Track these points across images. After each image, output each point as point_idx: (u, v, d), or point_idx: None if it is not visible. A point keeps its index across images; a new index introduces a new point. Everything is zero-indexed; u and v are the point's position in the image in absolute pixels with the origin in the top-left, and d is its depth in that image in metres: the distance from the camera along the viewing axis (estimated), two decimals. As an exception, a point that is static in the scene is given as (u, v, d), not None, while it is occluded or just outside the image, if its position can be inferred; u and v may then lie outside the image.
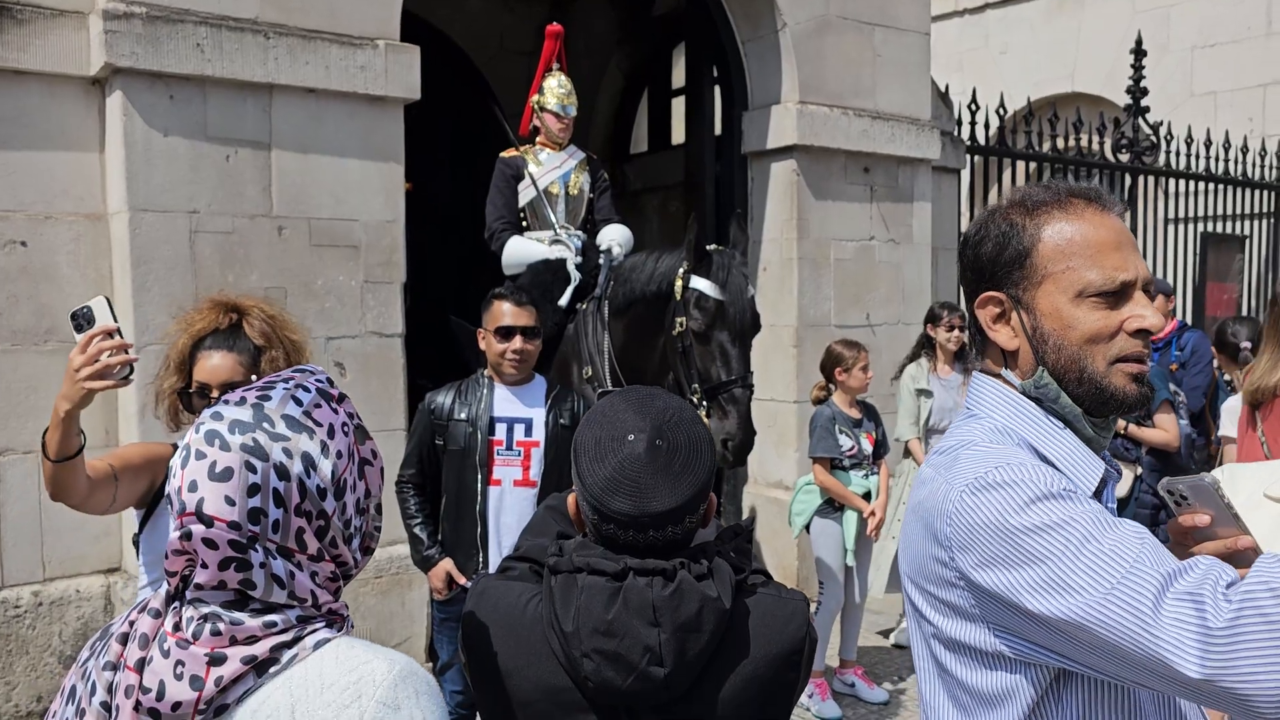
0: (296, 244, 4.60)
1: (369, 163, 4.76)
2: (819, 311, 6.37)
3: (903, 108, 6.68)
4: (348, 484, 1.25)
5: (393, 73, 4.75)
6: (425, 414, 3.63)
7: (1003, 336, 1.41)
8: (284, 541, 1.19)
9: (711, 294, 4.23)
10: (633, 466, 1.47)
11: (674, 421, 1.51)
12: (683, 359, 4.29)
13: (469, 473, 3.51)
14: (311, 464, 1.21)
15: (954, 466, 1.31)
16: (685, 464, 1.49)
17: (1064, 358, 1.36)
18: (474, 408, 3.54)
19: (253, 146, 4.49)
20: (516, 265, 5.25)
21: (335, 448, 1.24)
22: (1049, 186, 1.42)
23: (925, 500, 1.34)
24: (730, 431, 4.18)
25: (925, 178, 6.86)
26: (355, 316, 4.76)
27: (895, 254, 6.71)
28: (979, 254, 1.43)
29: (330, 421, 1.25)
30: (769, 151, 6.36)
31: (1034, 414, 1.39)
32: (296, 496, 1.20)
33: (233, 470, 1.18)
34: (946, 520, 1.28)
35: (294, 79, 4.51)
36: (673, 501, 1.47)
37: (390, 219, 4.85)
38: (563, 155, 5.50)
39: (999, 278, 1.40)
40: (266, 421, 1.22)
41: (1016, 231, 1.39)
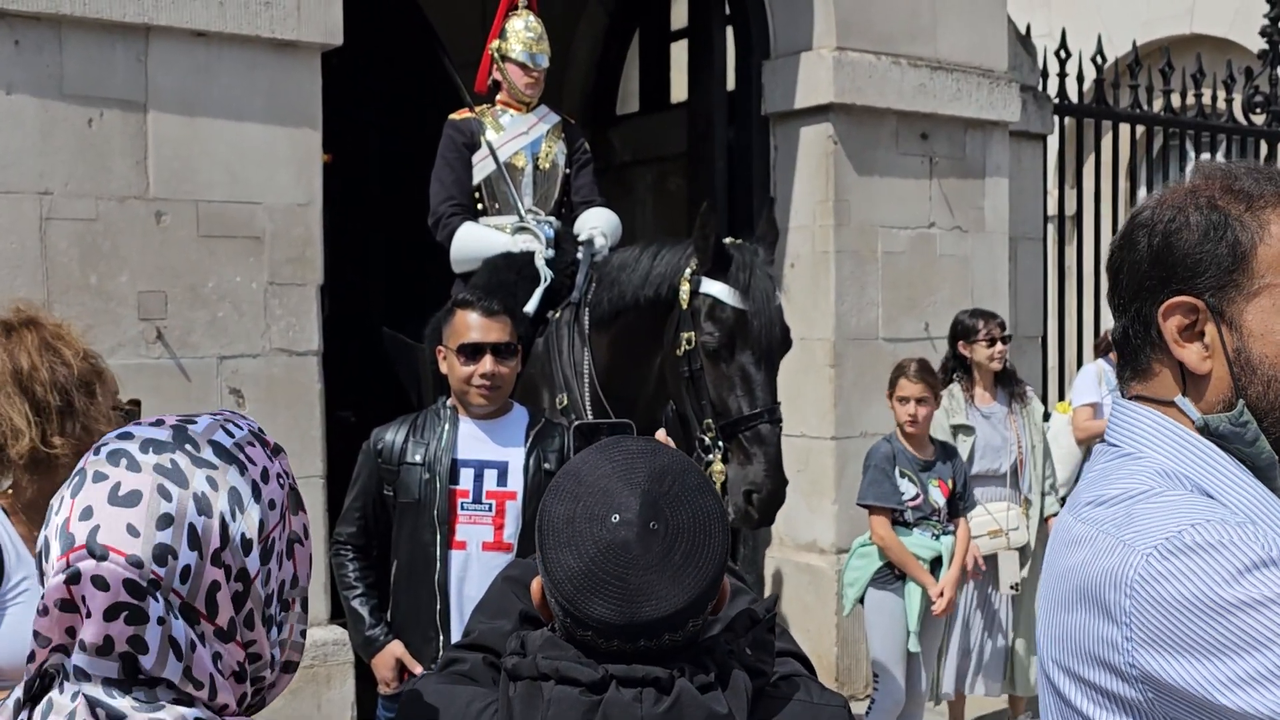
0: (180, 234, 4.60)
1: (275, 128, 4.77)
2: (863, 320, 6.38)
3: (971, 55, 6.72)
4: (275, 548, 1.27)
5: (307, 10, 4.76)
6: (371, 456, 3.64)
7: (1192, 355, 1.42)
8: (191, 598, 1.20)
9: (730, 302, 4.22)
10: (618, 560, 1.42)
11: (674, 494, 1.46)
12: (691, 386, 4.28)
13: (425, 532, 3.52)
14: (239, 504, 1.23)
15: (1131, 522, 1.33)
16: (689, 554, 1.44)
17: (1275, 393, 1.39)
18: (432, 448, 3.55)
19: (123, 107, 4.49)
20: (469, 260, 5.25)
21: (269, 495, 1.27)
22: (1262, 172, 1.45)
23: (1087, 565, 1.35)
24: (756, 481, 4.16)
25: (1000, 146, 6.89)
26: (257, 329, 4.75)
27: (962, 245, 6.73)
28: (1173, 242, 1.43)
29: (265, 465, 1.29)
30: (797, 112, 6.39)
31: (1213, 455, 1.41)
32: (216, 540, 1.21)
33: (141, 495, 1.19)
34: (1127, 591, 1.29)
35: (177, 19, 4.52)
36: (672, 605, 1.43)
37: (304, 201, 4.85)
38: (531, 118, 5.51)
39: (1199, 279, 1.41)
40: (190, 444, 1.24)
41: (1232, 224, 1.40)
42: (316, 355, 4.91)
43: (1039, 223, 7.59)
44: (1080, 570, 1.36)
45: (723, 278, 4.26)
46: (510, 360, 3.62)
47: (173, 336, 4.57)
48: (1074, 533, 1.40)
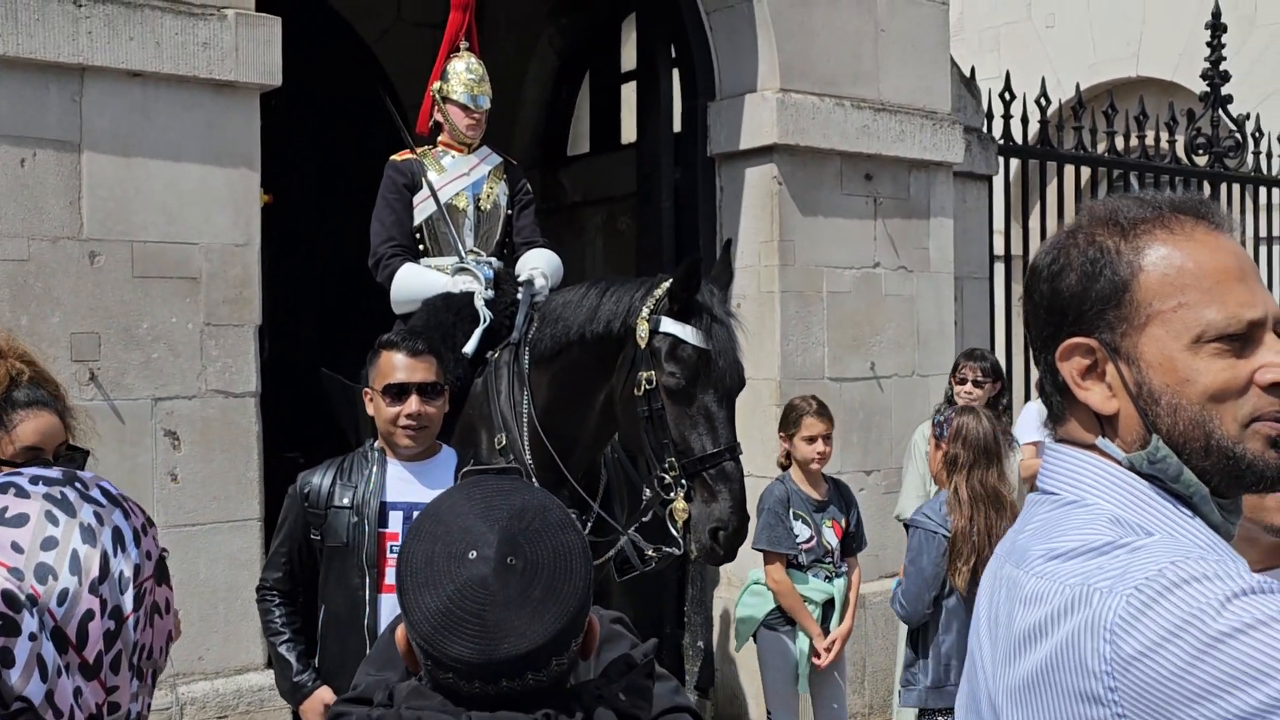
0: (114, 275, 4.57)
1: (213, 168, 4.75)
2: (808, 360, 6.40)
3: (914, 97, 6.79)
4: (145, 600, 1.29)
5: (245, 51, 4.76)
6: (297, 500, 3.64)
7: (1096, 396, 1.41)
8: (65, 623, 1.21)
9: (692, 341, 4.23)
10: (475, 596, 1.41)
11: (534, 529, 1.46)
12: (651, 426, 4.27)
13: (354, 575, 3.52)
14: (121, 544, 1.27)
15: (1103, 572, 1.26)
16: (549, 589, 1.43)
17: (1183, 420, 1.36)
18: (360, 491, 3.56)
19: (57, 147, 4.46)
20: (409, 301, 5.24)
21: (146, 546, 1.31)
22: (1143, 199, 1.43)
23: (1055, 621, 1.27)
24: (723, 518, 4.16)
25: (945, 187, 6.95)
26: (193, 370, 4.72)
27: (907, 285, 6.78)
28: (1058, 288, 1.42)
29: (144, 522, 1.33)
30: (742, 153, 6.43)
31: (1150, 497, 1.38)
32: (97, 571, 1.23)
33: (28, 517, 1.22)
34: (1107, 637, 1.22)
35: (114, 59, 4.51)
36: (532, 642, 1.42)
37: (241, 242, 4.83)
38: (472, 159, 5.51)
39: (1088, 319, 1.40)
40: (79, 483, 1.29)
41: (1109, 258, 1.39)
42: (254, 397, 4.87)
43: (985, 262, 7.65)
44: (1046, 627, 1.28)
45: (684, 317, 4.28)
46: (437, 400, 3.61)
47: (106, 378, 4.53)
48: (1029, 589, 1.32)
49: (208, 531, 4.75)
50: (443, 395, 3.66)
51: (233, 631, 4.78)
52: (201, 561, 4.70)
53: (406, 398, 3.54)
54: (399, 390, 3.54)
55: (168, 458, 4.67)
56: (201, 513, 4.73)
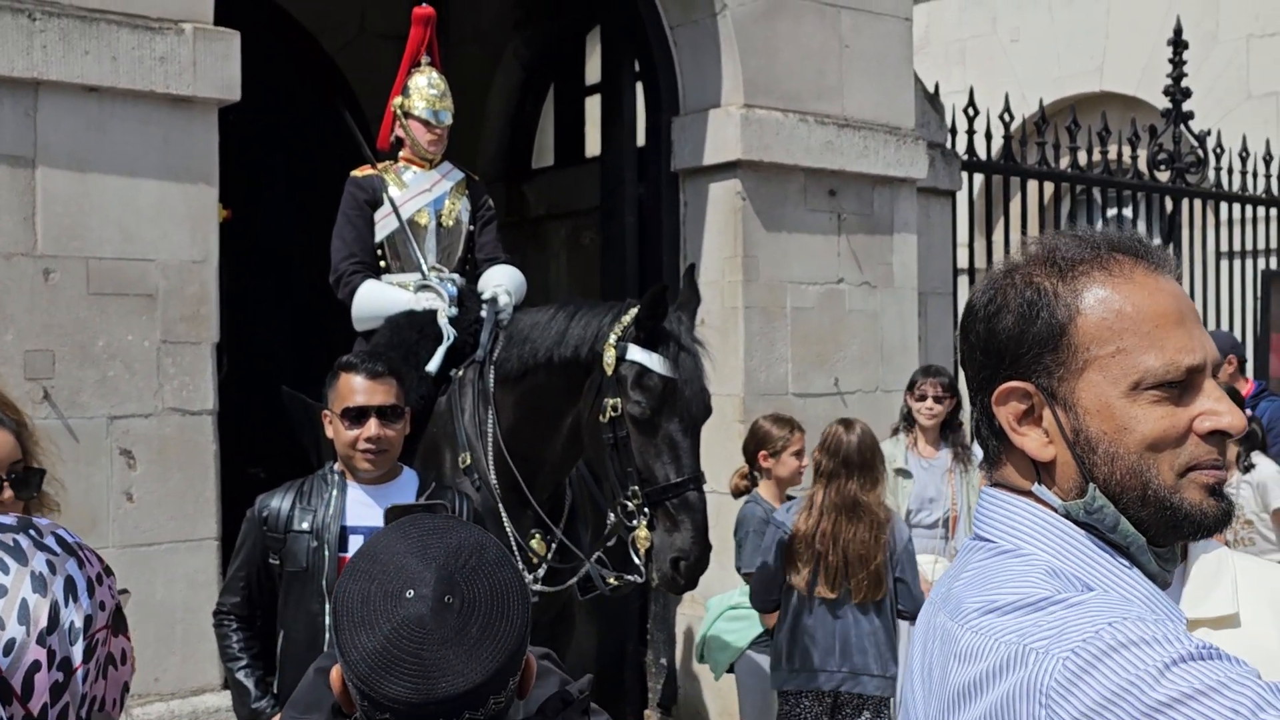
0: (69, 292, 4.53)
1: (170, 184, 4.72)
2: (772, 376, 6.40)
3: (878, 113, 6.81)
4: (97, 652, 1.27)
5: (203, 65, 4.73)
6: (255, 523, 3.60)
7: (1032, 443, 1.37)
8: (10, 673, 1.19)
9: (658, 370, 4.24)
10: (412, 635, 1.41)
11: (470, 567, 1.47)
12: (615, 453, 4.29)
13: (313, 601, 3.48)
14: (74, 593, 1.25)
15: (1039, 630, 1.23)
16: (486, 627, 1.44)
17: (1120, 470, 1.34)
18: (320, 515, 3.53)
19: (11, 163, 4.42)
20: (371, 318, 5.21)
21: (100, 596, 1.29)
22: (1081, 238, 1.40)
23: (989, 680, 1.24)
24: (684, 548, 4.19)
25: (909, 202, 6.98)
26: (150, 388, 4.68)
27: (871, 301, 6.79)
28: (994, 329, 1.39)
29: (100, 570, 1.31)
30: (706, 169, 6.43)
31: (1087, 548, 1.35)
32: (45, 621, 1.21)
33: None
34: (1043, 700, 1.19)
35: (69, 74, 4.47)
36: (470, 681, 1.42)
37: (199, 259, 4.79)
38: (434, 175, 5.49)
39: (1024, 362, 1.37)
40: (33, 530, 1.28)
41: (1046, 299, 1.36)
42: (212, 415, 4.83)
43: (949, 278, 7.68)
44: (981, 686, 1.25)
45: (650, 345, 4.28)
46: (396, 423, 3.57)
47: (60, 397, 4.48)
48: (964, 644, 1.28)
49: (164, 551, 4.71)
50: (403, 418, 3.61)
51: (190, 652, 4.73)
52: (158, 582, 4.65)
53: (365, 421, 3.49)
54: (358, 414, 3.50)
55: (124, 477, 4.62)
56: (158, 532, 4.69)
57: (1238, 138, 9.85)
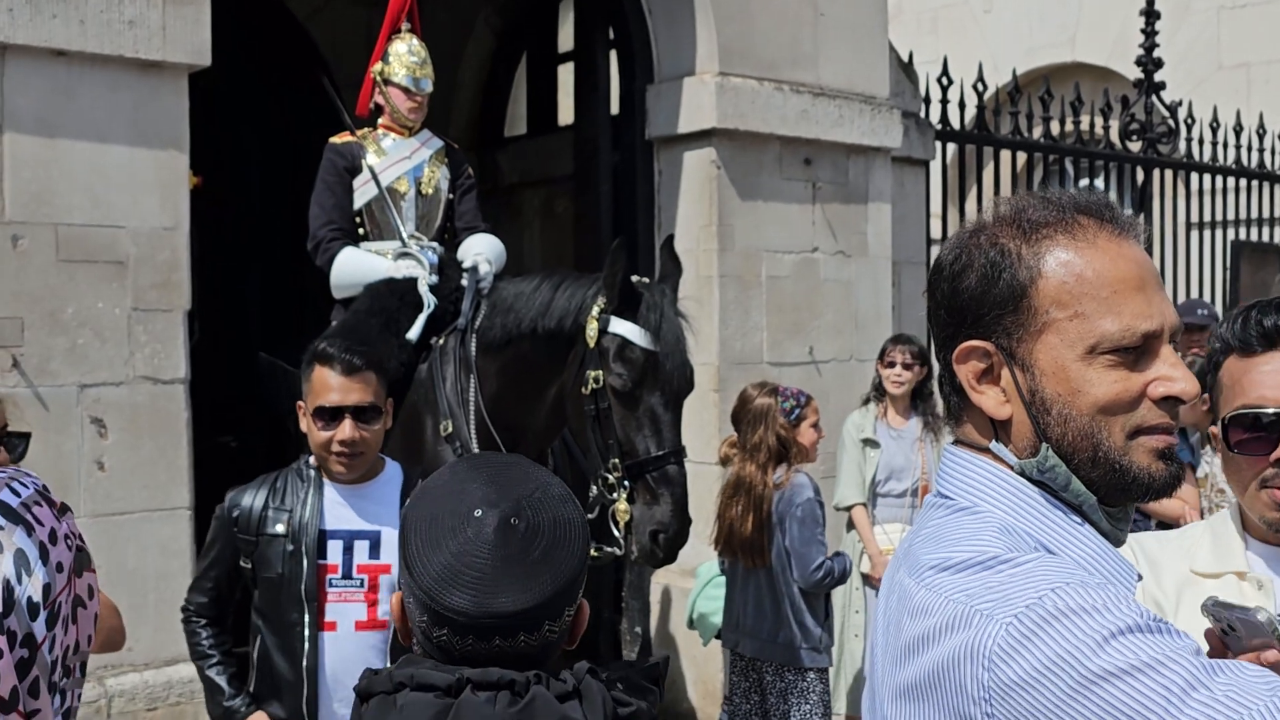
0: (38, 259, 4.47)
1: (140, 150, 4.66)
2: (747, 345, 6.40)
3: (853, 81, 6.79)
4: (61, 612, 1.23)
5: (173, 30, 4.66)
6: (225, 523, 3.31)
7: (990, 401, 1.40)
8: None
9: (640, 343, 4.24)
10: (478, 551, 1.47)
11: (537, 498, 1.52)
12: (597, 425, 4.30)
13: (290, 610, 3.20)
14: (26, 566, 1.20)
15: (986, 591, 1.25)
16: (547, 552, 1.49)
17: (1072, 431, 1.36)
18: (296, 516, 3.23)
19: (-23, 128, 4.35)
20: (350, 286, 5.19)
21: (56, 557, 1.24)
22: (1049, 200, 1.41)
23: (937, 636, 1.27)
24: (664, 521, 4.22)
25: (883, 172, 6.97)
26: (120, 356, 4.63)
27: (846, 270, 6.79)
28: (958, 288, 1.40)
29: (52, 525, 1.26)
30: (681, 137, 6.40)
31: (1041, 505, 1.37)
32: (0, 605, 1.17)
33: None
34: (985, 664, 1.21)
35: (36, 37, 4.40)
36: (527, 600, 1.47)
37: (170, 225, 4.74)
38: (413, 143, 5.46)
39: (985, 322, 1.38)
40: None
41: (1009, 260, 1.37)
42: (184, 383, 4.78)
43: (922, 247, 7.68)
44: (929, 641, 1.28)
45: (632, 318, 4.27)
46: (374, 423, 3.24)
47: (30, 365, 4.42)
48: (917, 600, 1.31)
49: (136, 520, 4.67)
50: (381, 416, 3.28)
51: (163, 622, 4.70)
52: (130, 550, 4.61)
53: (339, 422, 3.17)
54: (331, 414, 3.17)
55: (95, 445, 4.58)
56: (130, 501, 4.65)
57: (1209, 108, 9.88)
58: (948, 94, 7.78)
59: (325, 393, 3.19)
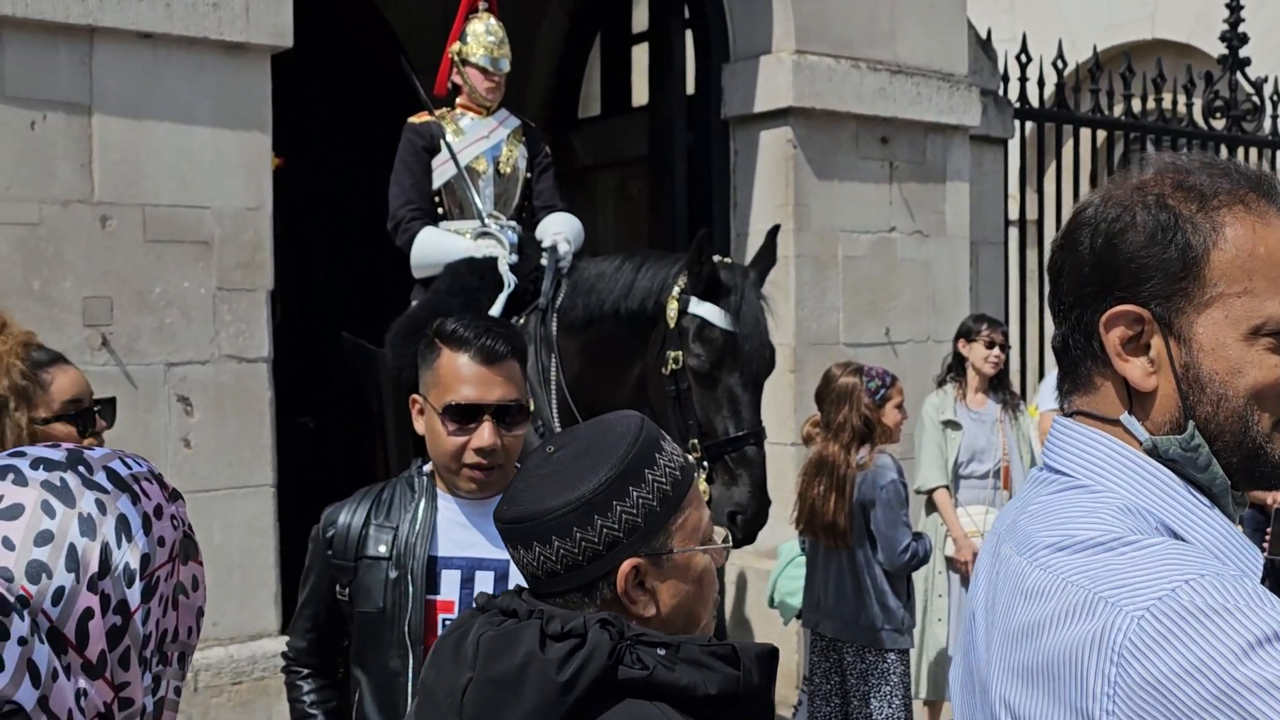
0: (126, 239, 4.53)
1: (224, 131, 4.71)
2: (824, 325, 6.35)
3: (931, 59, 6.71)
4: (159, 589, 1.22)
5: (256, 12, 4.70)
6: (320, 546, 2.65)
7: (1136, 371, 1.30)
8: (62, 623, 1.15)
9: (720, 324, 4.24)
10: (523, 465, 1.61)
11: (590, 433, 1.58)
12: (677, 405, 4.30)
13: (393, 656, 2.51)
14: (126, 532, 1.19)
15: (1110, 576, 1.18)
16: (564, 466, 1.53)
17: (1224, 412, 1.29)
18: (402, 535, 2.55)
19: (67, 110, 4.42)
20: (430, 265, 5.21)
21: (159, 531, 1.23)
22: (1216, 166, 1.33)
23: (1057, 622, 1.20)
24: (741, 502, 4.22)
25: (961, 150, 6.89)
26: (206, 335, 4.69)
27: (923, 249, 6.72)
28: (1116, 245, 1.30)
29: (160, 502, 1.25)
30: (757, 116, 6.36)
31: (1171, 486, 1.30)
32: (95, 566, 1.16)
33: (23, 508, 1.16)
34: (1113, 659, 1.15)
35: (123, 20, 4.45)
36: (526, 508, 1.51)
37: (253, 206, 4.79)
38: (491, 122, 5.47)
39: (1145, 287, 1.29)
40: (83, 466, 1.21)
41: (1183, 226, 1.28)
42: (267, 362, 4.84)
43: (1000, 227, 7.59)
44: (1046, 626, 1.21)
45: (713, 299, 4.27)
46: (519, 427, 2.52)
47: (119, 343, 4.49)
48: (1031, 581, 1.24)
49: (222, 498, 4.73)
50: (527, 417, 2.57)
51: (247, 598, 4.77)
52: (215, 527, 4.68)
53: (477, 424, 2.44)
54: (467, 413, 2.45)
55: (181, 423, 4.64)
56: (215, 478, 4.71)
57: (1295, 85, 9.64)
58: (1026, 71, 7.66)
59: (457, 385, 2.46)
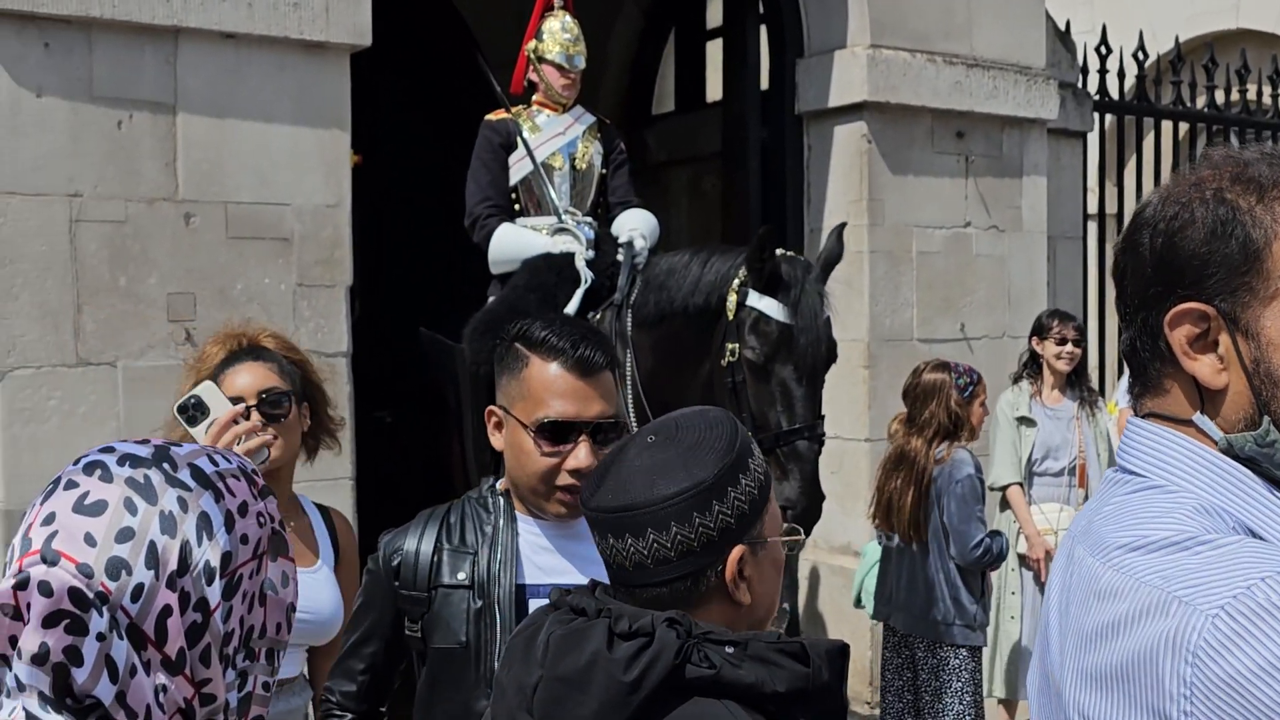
0: (209, 236, 4.61)
1: (304, 129, 4.77)
2: (897, 321, 6.31)
3: (1008, 52, 6.64)
4: (243, 586, 1.24)
5: (335, 11, 4.76)
6: (381, 577, 2.35)
7: (1205, 369, 1.28)
8: (141, 620, 1.17)
9: (775, 316, 4.23)
10: (612, 458, 1.56)
11: (681, 424, 1.56)
12: (733, 397, 4.30)
13: (477, 695, 2.19)
14: (208, 530, 1.20)
15: (1184, 576, 1.16)
16: (674, 454, 1.51)
17: None
18: (483, 562, 2.26)
19: (152, 109, 4.50)
20: (508, 261, 5.26)
21: (242, 529, 1.24)
22: (1275, 156, 1.30)
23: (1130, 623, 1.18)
24: (791, 498, 4.17)
25: (1039, 144, 6.81)
26: (286, 330, 4.71)
27: (999, 245, 6.66)
28: (1176, 243, 1.28)
29: (246, 499, 1.26)
30: (831, 111, 6.34)
31: (1248, 484, 1.27)
32: (175, 563, 1.18)
33: (107, 504, 1.18)
34: (1189, 659, 1.13)
35: (206, 20, 4.53)
36: (627, 498, 1.50)
37: (332, 203, 4.85)
38: (567, 119, 5.51)
39: (1208, 283, 1.27)
40: (168, 463, 1.23)
41: (1242, 219, 1.26)
42: (346, 357, 4.90)
43: (1078, 222, 7.49)
44: (1120, 628, 1.19)
45: (771, 292, 4.26)
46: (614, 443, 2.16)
47: (201, 338, 4.53)
48: (1104, 581, 1.22)
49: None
50: (622, 435, 2.20)
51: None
52: (295, 519, 4.74)
53: (573, 443, 2.18)
54: (562, 431, 2.19)
55: (262, 417, 4.71)
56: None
57: (1385, 75, 9.38)
58: (1106, 63, 7.56)
59: (550, 399, 2.20)
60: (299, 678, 2.95)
